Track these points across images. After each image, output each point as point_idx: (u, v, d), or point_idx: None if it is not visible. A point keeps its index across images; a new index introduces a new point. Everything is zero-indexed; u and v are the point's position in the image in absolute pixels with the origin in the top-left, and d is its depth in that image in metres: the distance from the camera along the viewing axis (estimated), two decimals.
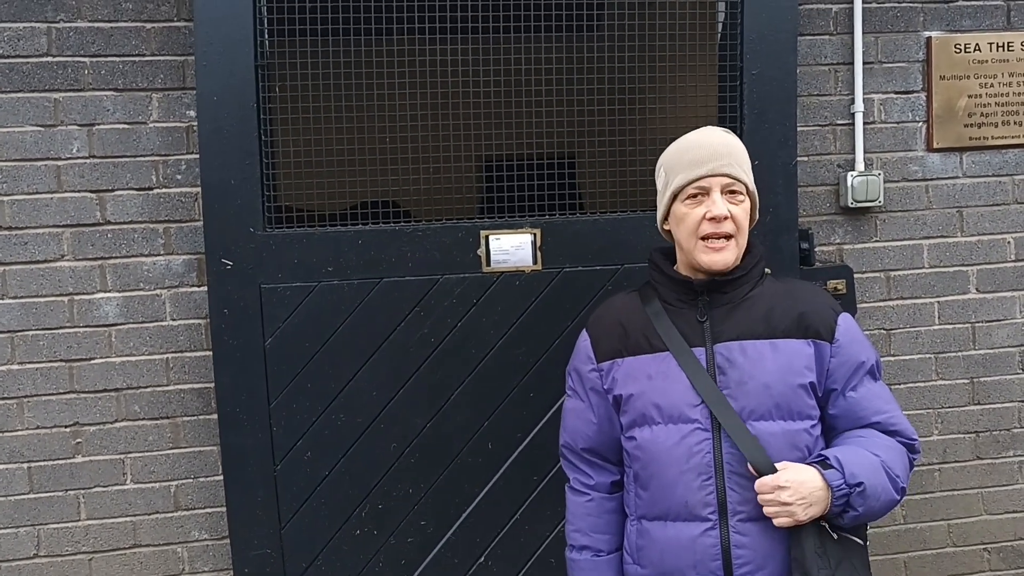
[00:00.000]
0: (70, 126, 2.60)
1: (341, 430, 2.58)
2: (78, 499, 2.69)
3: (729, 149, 1.85)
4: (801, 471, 1.73)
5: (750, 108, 2.65)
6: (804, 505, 1.71)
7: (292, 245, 2.53)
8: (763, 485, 1.73)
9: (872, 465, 1.76)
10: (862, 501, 1.72)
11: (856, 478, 1.71)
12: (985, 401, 3.10)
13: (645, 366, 1.87)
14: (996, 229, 3.06)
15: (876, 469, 1.76)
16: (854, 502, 1.72)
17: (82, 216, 2.62)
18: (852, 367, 1.85)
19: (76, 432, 2.67)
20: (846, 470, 1.72)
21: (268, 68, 2.55)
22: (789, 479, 1.71)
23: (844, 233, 2.98)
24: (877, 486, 1.75)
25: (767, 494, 1.73)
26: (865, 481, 1.72)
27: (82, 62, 2.59)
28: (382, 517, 2.62)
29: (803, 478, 1.72)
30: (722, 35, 2.71)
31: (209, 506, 2.74)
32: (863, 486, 1.72)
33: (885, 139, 2.99)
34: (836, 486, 1.71)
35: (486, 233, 2.60)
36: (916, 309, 3.04)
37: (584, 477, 2.01)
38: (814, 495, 1.71)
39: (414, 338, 2.59)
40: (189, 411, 2.71)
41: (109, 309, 2.65)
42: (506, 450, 2.65)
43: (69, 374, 2.65)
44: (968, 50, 2.99)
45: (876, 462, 1.77)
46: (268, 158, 2.52)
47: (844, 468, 1.72)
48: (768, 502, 1.73)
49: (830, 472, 1.72)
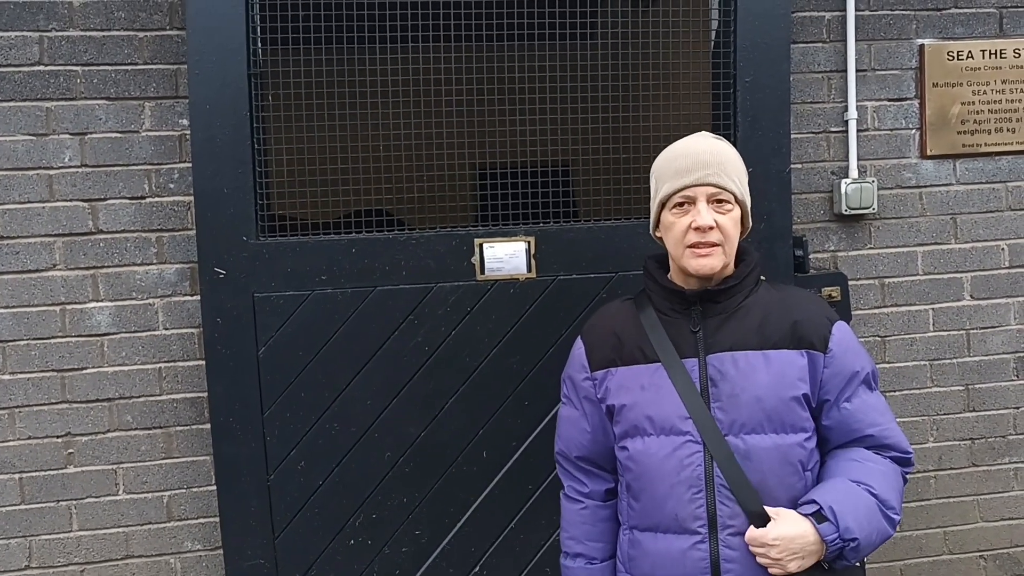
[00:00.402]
0: (62, 135, 2.59)
1: (335, 439, 2.57)
2: (70, 510, 2.67)
3: (718, 158, 1.83)
4: (793, 525, 1.71)
5: (744, 115, 2.65)
6: (796, 559, 1.70)
7: (285, 254, 2.52)
8: (753, 540, 1.72)
9: (868, 509, 1.74)
10: (855, 555, 1.72)
11: (851, 533, 1.69)
12: (980, 408, 3.10)
13: (638, 376, 1.86)
14: (990, 236, 3.06)
15: (872, 512, 1.74)
16: (847, 555, 1.72)
17: (74, 225, 2.61)
18: (846, 377, 1.83)
19: (68, 442, 2.65)
20: (841, 524, 1.69)
21: (261, 77, 2.54)
22: (779, 536, 1.70)
23: (838, 240, 2.98)
24: (872, 533, 1.73)
25: (757, 547, 1.72)
26: (860, 537, 1.70)
27: (74, 71, 2.58)
28: (376, 527, 2.61)
29: (794, 533, 1.70)
30: (715, 43, 2.72)
31: (202, 516, 2.73)
32: (857, 542, 1.70)
33: (879, 146, 2.99)
34: (830, 541, 1.69)
35: (480, 241, 2.59)
36: (911, 316, 3.04)
37: (579, 485, 2.00)
38: (806, 549, 1.70)
39: (408, 346, 2.58)
40: (182, 421, 2.70)
41: (101, 318, 2.64)
42: (501, 458, 2.64)
43: (61, 384, 2.64)
44: (961, 57, 3.00)
45: (872, 504, 1.75)
46: (261, 167, 2.51)
47: (839, 521, 1.70)
48: (759, 555, 1.72)
49: (824, 526, 1.70)
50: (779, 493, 1.76)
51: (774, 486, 1.76)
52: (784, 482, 1.77)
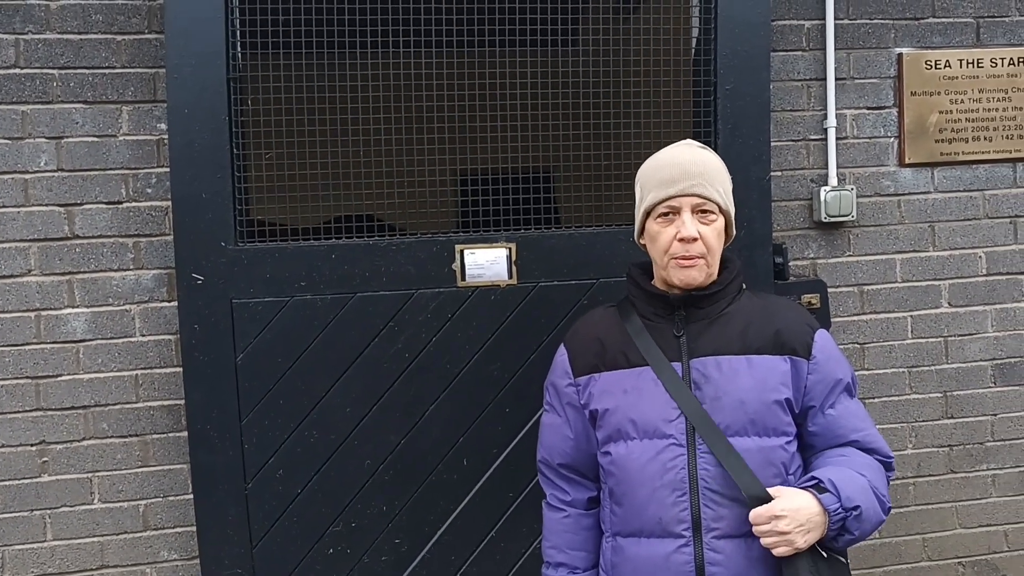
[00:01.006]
0: (38, 139, 2.56)
1: (314, 447, 2.55)
2: (44, 519, 2.63)
3: (702, 168, 1.83)
4: (796, 497, 1.71)
5: (724, 123, 2.66)
6: (802, 532, 1.69)
7: (264, 259, 2.50)
8: (758, 516, 1.70)
9: (863, 487, 1.75)
10: (857, 525, 1.72)
11: (852, 501, 1.70)
12: (958, 415, 3.12)
13: (621, 381, 1.86)
14: (967, 244, 3.09)
15: (866, 490, 1.75)
16: (850, 525, 1.71)
17: (50, 230, 2.58)
18: (830, 384, 1.84)
19: (42, 450, 2.61)
20: (842, 493, 1.70)
21: (240, 81, 2.53)
22: (785, 507, 1.69)
23: (818, 248, 3.00)
24: (870, 508, 1.74)
25: (763, 524, 1.70)
26: (861, 505, 1.71)
27: (51, 74, 2.55)
28: (356, 535, 2.59)
29: (798, 504, 1.70)
30: (696, 50, 2.72)
31: (179, 525, 2.69)
32: (859, 510, 1.71)
33: (857, 154, 3.01)
34: (833, 510, 1.69)
35: (461, 247, 2.58)
36: (889, 323, 3.06)
37: (561, 493, 1.99)
38: (812, 520, 1.70)
39: (388, 353, 2.56)
40: (158, 429, 2.67)
41: (77, 325, 2.60)
42: (482, 466, 2.62)
43: (36, 391, 2.60)
44: (939, 66, 3.02)
45: (865, 483, 1.76)
46: (240, 172, 2.49)
47: (840, 492, 1.70)
48: (765, 532, 1.70)
49: (826, 496, 1.70)
50: None
51: None
52: (767, 484, 1.76)
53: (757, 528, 1.71)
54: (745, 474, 1.74)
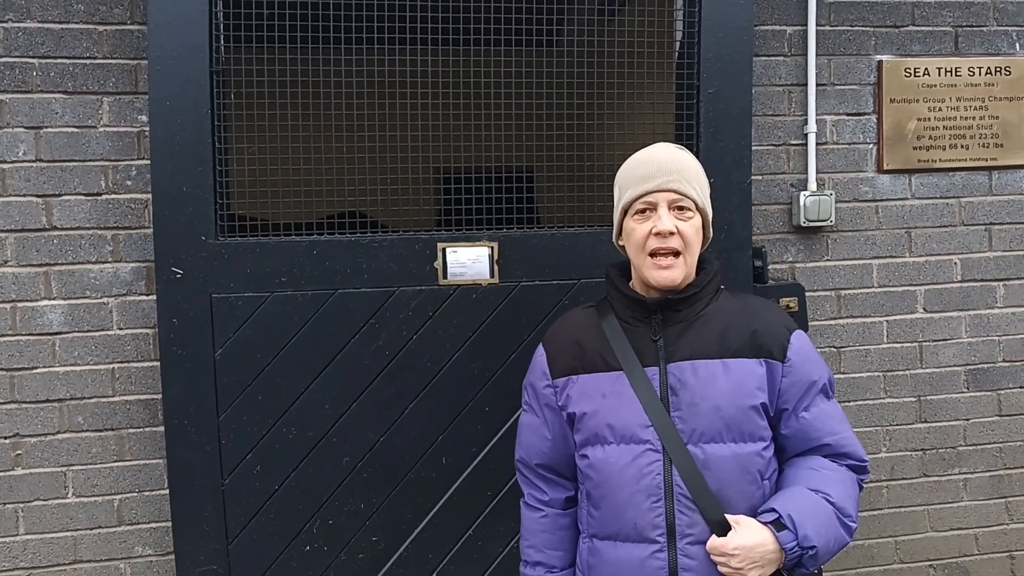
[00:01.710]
0: (16, 128, 2.53)
1: (292, 444, 2.54)
2: (17, 513, 2.60)
3: (679, 165, 1.84)
4: (752, 533, 1.73)
5: (706, 126, 2.68)
6: (756, 567, 1.72)
7: (244, 254, 2.49)
8: (713, 549, 1.74)
9: (826, 516, 1.76)
10: (813, 563, 1.74)
11: (809, 541, 1.71)
12: (932, 419, 3.16)
13: (599, 384, 1.87)
14: (943, 250, 3.13)
15: (829, 520, 1.76)
16: (806, 562, 1.74)
17: (27, 221, 2.55)
18: (804, 387, 1.85)
19: (16, 443, 2.59)
20: (799, 531, 1.71)
21: (223, 75, 2.51)
22: (739, 545, 1.71)
23: (796, 251, 3.02)
24: (830, 541, 1.76)
25: (718, 556, 1.73)
26: (818, 545, 1.72)
27: (31, 63, 2.53)
28: (333, 533, 2.58)
29: (754, 542, 1.72)
30: (679, 54, 2.74)
31: (154, 521, 2.68)
32: (815, 550, 1.72)
33: (837, 160, 3.04)
34: (789, 548, 1.71)
35: (443, 246, 2.58)
36: (865, 327, 3.09)
37: (539, 493, 2.00)
38: (765, 557, 1.72)
39: (368, 351, 2.56)
40: (135, 423, 2.65)
41: (53, 317, 2.58)
42: (460, 465, 2.62)
43: (10, 383, 2.57)
44: (917, 74, 3.06)
45: (830, 512, 1.77)
46: (221, 166, 2.47)
47: (798, 530, 1.72)
48: (720, 563, 1.74)
49: (784, 534, 1.72)
50: (738, 502, 1.78)
51: (733, 495, 1.77)
52: (743, 491, 1.79)
53: (713, 557, 1.74)
54: (707, 496, 1.75)
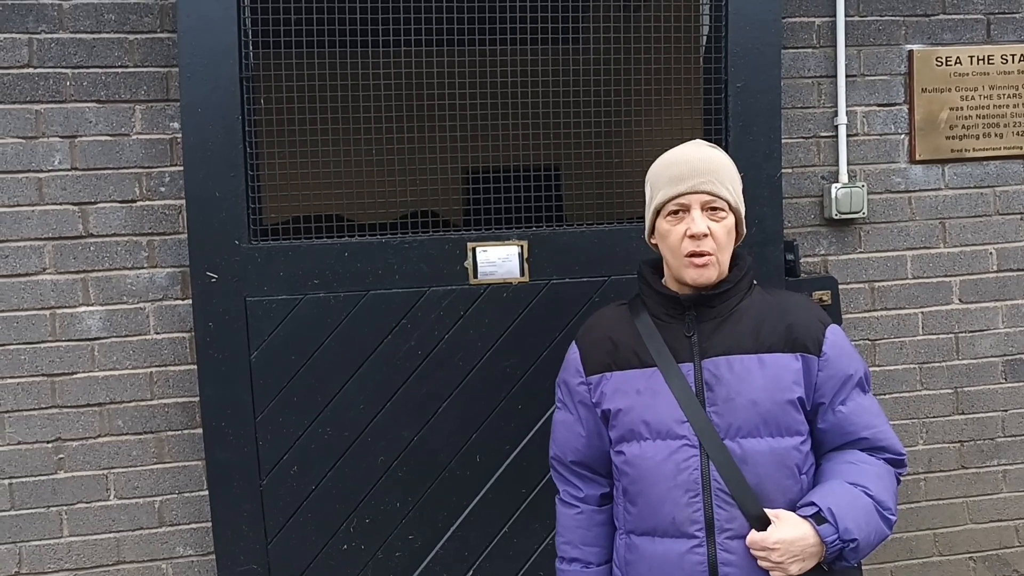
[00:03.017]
0: (52, 138, 2.57)
1: (328, 444, 2.56)
2: (60, 515, 2.65)
3: (711, 165, 1.83)
4: (793, 527, 1.72)
5: (735, 121, 2.66)
6: (796, 561, 1.71)
7: (278, 257, 2.51)
8: (753, 544, 1.73)
9: (865, 510, 1.75)
10: (855, 555, 1.73)
11: (850, 534, 1.71)
12: (969, 411, 3.12)
13: (634, 381, 1.87)
14: (978, 240, 3.09)
15: (869, 514, 1.75)
16: (847, 555, 1.73)
17: (64, 229, 2.59)
18: (840, 380, 1.84)
19: (58, 447, 2.63)
20: (840, 525, 1.70)
21: (253, 80, 2.54)
22: (779, 539, 1.70)
23: (828, 244, 3.00)
24: (871, 534, 1.75)
25: (758, 551, 1.73)
26: (859, 538, 1.71)
27: (64, 73, 2.57)
28: (369, 531, 2.60)
29: (794, 536, 1.71)
30: (706, 47, 2.73)
31: (194, 522, 2.71)
32: (856, 542, 1.71)
33: (868, 151, 3.01)
34: (830, 542, 1.70)
35: (473, 245, 2.59)
36: (900, 320, 3.06)
37: (574, 489, 2.00)
38: (806, 551, 1.71)
39: (401, 351, 2.57)
40: (173, 426, 2.68)
41: (92, 323, 2.62)
42: (494, 462, 2.64)
43: (51, 388, 2.62)
44: (949, 63, 3.02)
45: (869, 505, 1.76)
46: (253, 170, 2.50)
47: (838, 523, 1.71)
48: (760, 558, 1.73)
49: (824, 527, 1.71)
50: (776, 496, 1.77)
51: (771, 490, 1.77)
52: (780, 485, 1.78)
53: (753, 551, 1.73)
54: (745, 491, 1.75)
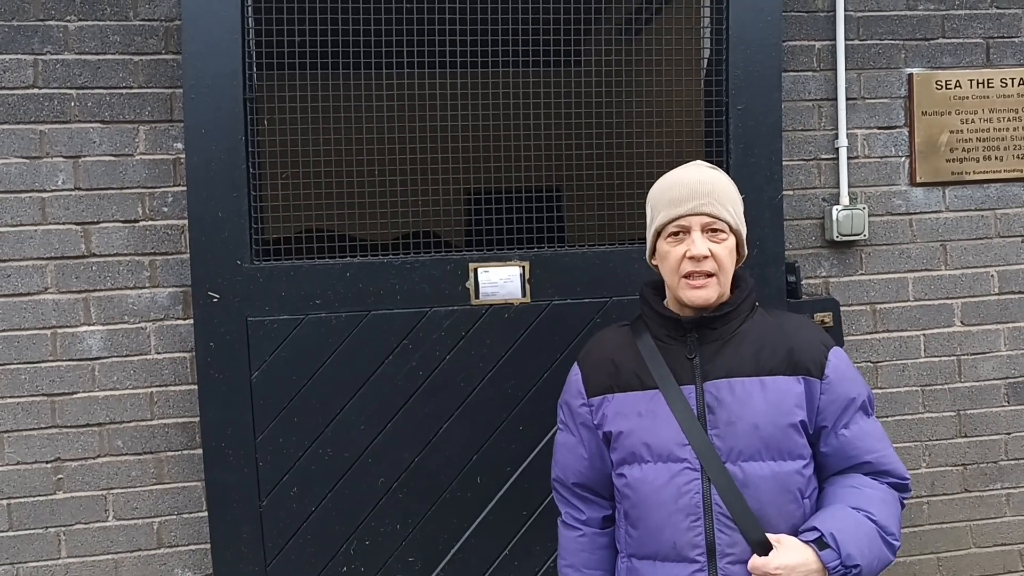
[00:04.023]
0: (55, 158, 2.58)
1: (328, 465, 2.55)
2: (59, 536, 2.64)
3: (712, 187, 1.84)
4: (795, 552, 1.71)
5: (736, 143, 2.68)
6: None
7: (279, 278, 2.51)
8: (755, 569, 1.72)
9: (868, 536, 1.74)
10: None
11: (852, 559, 1.70)
12: (972, 434, 3.11)
13: (635, 403, 1.86)
14: (979, 262, 3.09)
15: (872, 539, 1.74)
16: None
17: (66, 248, 2.60)
18: (843, 404, 1.83)
19: (57, 468, 2.62)
20: (843, 550, 1.70)
21: (256, 101, 2.55)
22: (781, 565, 1.69)
23: (830, 266, 3.00)
24: (873, 559, 1.74)
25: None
26: (862, 564, 1.71)
27: (68, 94, 2.58)
28: (370, 553, 2.59)
29: (796, 561, 1.70)
30: (707, 70, 2.74)
31: (193, 543, 2.70)
32: (859, 568, 1.70)
33: (869, 173, 3.02)
34: (832, 568, 1.69)
35: (475, 266, 2.59)
36: (902, 342, 3.06)
37: (576, 512, 1.99)
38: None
39: (402, 371, 2.57)
40: (173, 446, 2.67)
41: (93, 342, 2.62)
42: (496, 484, 2.63)
43: (51, 408, 2.61)
44: (949, 86, 3.04)
45: (872, 530, 1.75)
46: (256, 191, 2.51)
47: (841, 548, 1.70)
48: None
49: (827, 553, 1.70)
50: (778, 521, 1.76)
51: (772, 514, 1.76)
52: (783, 510, 1.77)
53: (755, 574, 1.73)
54: (747, 515, 1.74)
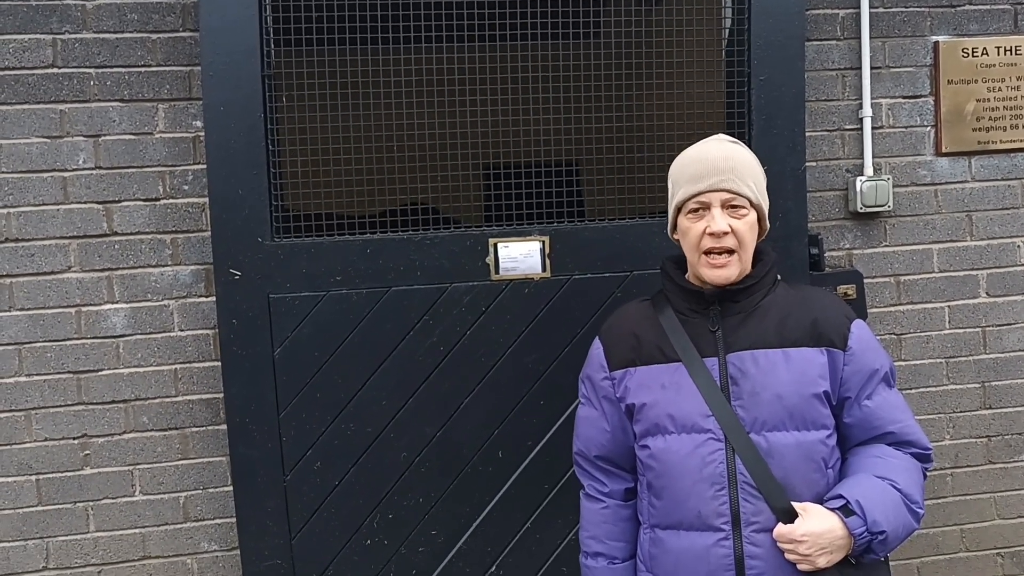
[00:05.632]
0: (76, 137, 2.59)
1: (351, 440, 2.57)
2: (87, 511, 2.68)
3: (732, 163, 1.82)
4: (820, 520, 1.71)
5: (758, 114, 2.64)
6: (824, 554, 1.70)
7: (300, 255, 2.52)
8: (780, 536, 1.72)
9: (894, 503, 1.74)
10: (883, 548, 1.73)
11: (878, 526, 1.70)
12: (996, 405, 3.09)
13: (658, 375, 1.86)
14: (1005, 233, 3.05)
15: (897, 506, 1.74)
16: (875, 548, 1.72)
17: (89, 227, 2.61)
18: (866, 375, 1.83)
19: (84, 444, 2.66)
20: (868, 517, 1.70)
21: (275, 78, 2.54)
22: (807, 532, 1.70)
23: (854, 238, 2.97)
24: (898, 527, 1.74)
25: (785, 543, 1.72)
26: (888, 531, 1.71)
27: (88, 73, 2.59)
28: (393, 527, 2.61)
29: (822, 529, 1.70)
30: (729, 40, 2.71)
31: (219, 517, 2.73)
32: (885, 535, 1.71)
33: (893, 143, 2.98)
34: (858, 534, 1.70)
35: (495, 241, 2.59)
36: (926, 313, 3.03)
37: (598, 484, 2.00)
38: (834, 544, 1.71)
39: (423, 346, 2.58)
40: (198, 422, 2.70)
41: (117, 320, 2.64)
42: (517, 458, 2.64)
43: (77, 386, 2.64)
44: (976, 54, 2.98)
45: (897, 498, 1.75)
46: (275, 168, 2.51)
47: (866, 515, 1.70)
48: (787, 550, 1.72)
49: (852, 520, 1.70)
50: (802, 490, 1.76)
51: (797, 483, 1.76)
52: (807, 479, 1.77)
53: (780, 544, 1.73)
54: (772, 484, 1.74)
